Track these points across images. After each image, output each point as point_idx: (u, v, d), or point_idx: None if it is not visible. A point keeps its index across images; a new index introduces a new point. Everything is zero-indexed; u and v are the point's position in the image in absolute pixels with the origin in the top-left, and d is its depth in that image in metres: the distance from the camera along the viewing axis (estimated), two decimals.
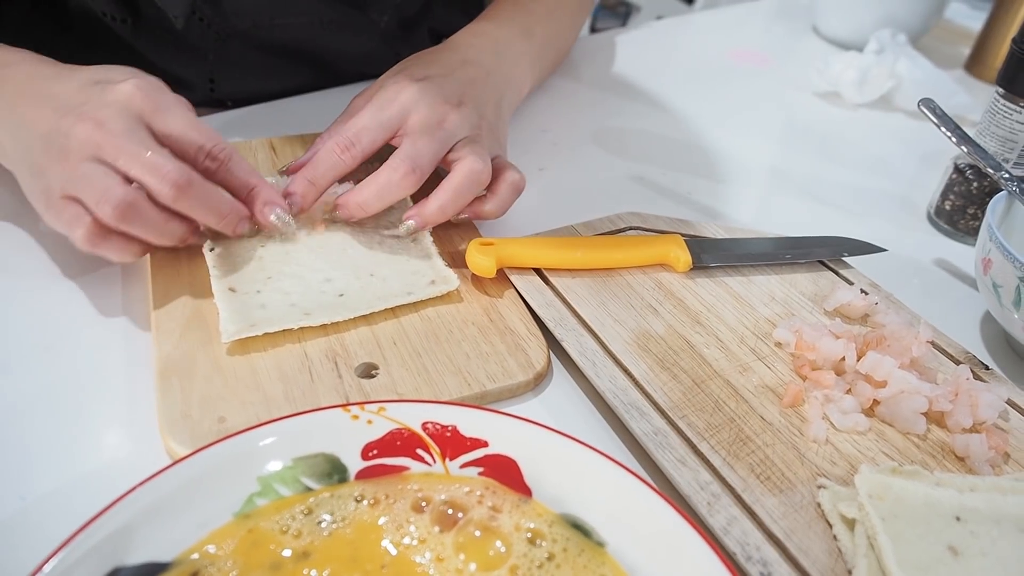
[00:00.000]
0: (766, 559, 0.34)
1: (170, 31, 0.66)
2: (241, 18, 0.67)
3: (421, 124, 0.50)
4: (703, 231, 0.56)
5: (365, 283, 0.49)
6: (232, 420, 0.39)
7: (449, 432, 0.37)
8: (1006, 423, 0.43)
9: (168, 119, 0.44)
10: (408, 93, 0.51)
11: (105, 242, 0.44)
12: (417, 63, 0.56)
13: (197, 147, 0.45)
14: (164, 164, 0.42)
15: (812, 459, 0.40)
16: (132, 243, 0.45)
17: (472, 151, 0.50)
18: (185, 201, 0.43)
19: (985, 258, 0.48)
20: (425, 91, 0.51)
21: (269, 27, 0.69)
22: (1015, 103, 0.56)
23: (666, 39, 0.99)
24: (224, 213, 0.46)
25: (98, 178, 0.42)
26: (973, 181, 0.60)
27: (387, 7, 0.74)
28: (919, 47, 0.90)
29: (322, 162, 0.50)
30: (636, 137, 0.74)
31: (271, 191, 0.48)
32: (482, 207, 0.52)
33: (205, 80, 0.71)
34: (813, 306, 0.50)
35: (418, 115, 0.50)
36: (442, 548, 0.33)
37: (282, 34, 0.70)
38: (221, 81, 0.71)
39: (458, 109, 0.52)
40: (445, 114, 0.51)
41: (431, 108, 0.51)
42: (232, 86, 0.72)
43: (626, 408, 0.41)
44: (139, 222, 0.43)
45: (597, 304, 0.48)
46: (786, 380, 0.44)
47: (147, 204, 0.43)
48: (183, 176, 0.42)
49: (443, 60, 0.57)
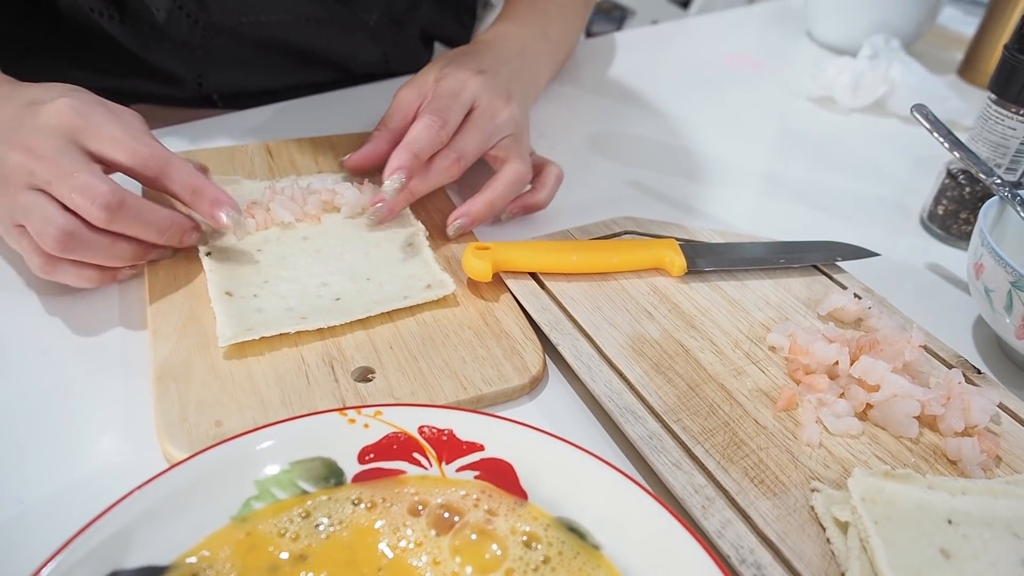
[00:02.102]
0: (760, 562, 0.35)
1: (157, 26, 0.66)
2: (228, 14, 0.68)
3: (478, 115, 0.53)
4: (698, 235, 0.56)
5: (362, 287, 0.49)
6: (229, 424, 0.39)
7: (445, 436, 0.37)
8: (998, 427, 0.43)
9: (99, 136, 0.43)
10: (474, 84, 0.53)
11: (58, 270, 0.43)
12: (465, 57, 0.57)
13: (128, 166, 0.44)
14: (95, 186, 0.41)
15: (806, 462, 0.40)
16: (85, 268, 0.44)
17: (516, 152, 0.54)
18: (119, 222, 0.42)
19: (977, 263, 0.49)
20: (486, 84, 0.54)
21: (256, 23, 0.69)
22: (1007, 109, 0.57)
23: (661, 44, 0.99)
24: (164, 227, 0.45)
25: (36, 208, 0.41)
26: (966, 186, 0.60)
27: (375, 5, 0.74)
28: (912, 52, 0.91)
29: (423, 137, 0.50)
30: (631, 141, 0.74)
31: (216, 190, 0.47)
32: (534, 198, 0.56)
33: (193, 75, 0.71)
34: (807, 310, 0.51)
35: (480, 106, 0.53)
36: (438, 551, 0.33)
37: (269, 30, 0.70)
38: (209, 76, 0.72)
39: (508, 105, 0.54)
40: (499, 109, 0.54)
41: (491, 101, 0.53)
42: (220, 81, 0.72)
43: (621, 412, 0.41)
44: (83, 249, 0.42)
45: (592, 308, 0.48)
46: (780, 384, 0.45)
47: (86, 230, 0.42)
48: (114, 197, 0.41)
49: (487, 57, 0.58)
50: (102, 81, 0.60)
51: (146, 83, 0.70)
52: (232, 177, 0.57)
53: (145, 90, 0.71)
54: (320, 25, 0.72)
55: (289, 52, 0.73)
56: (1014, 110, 0.57)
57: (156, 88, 0.71)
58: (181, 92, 0.71)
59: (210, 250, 0.50)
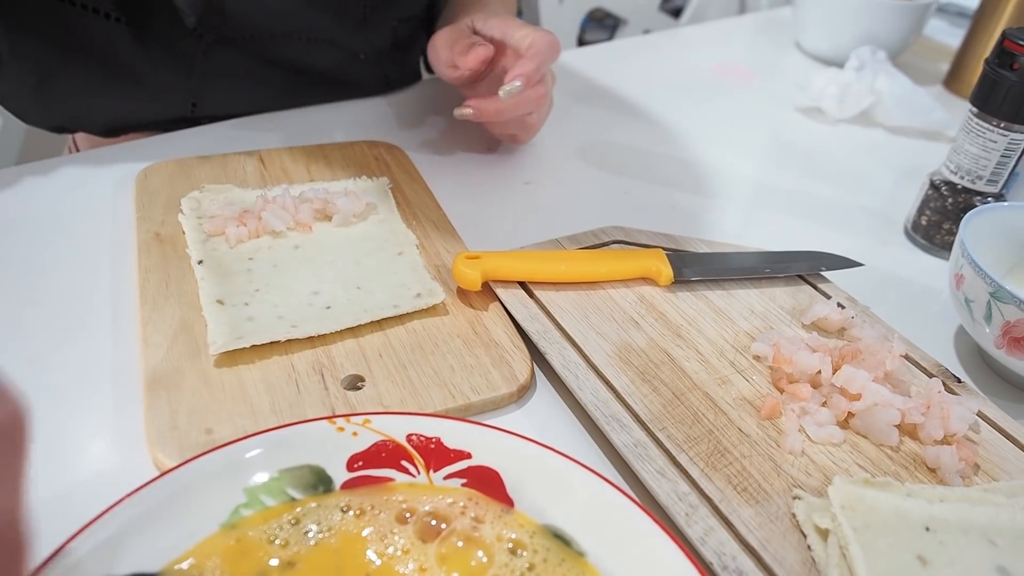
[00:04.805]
0: (742, 568, 0.35)
1: (158, 35, 0.65)
2: (238, 28, 0.67)
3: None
4: (685, 245, 0.57)
5: (352, 295, 0.49)
6: (219, 432, 0.40)
7: (433, 444, 0.37)
8: (977, 435, 0.44)
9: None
10: None
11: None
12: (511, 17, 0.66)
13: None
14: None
15: (788, 470, 0.41)
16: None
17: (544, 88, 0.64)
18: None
19: (958, 273, 0.50)
20: None
21: (261, 39, 0.69)
22: (988, 122, 0.58)
23: (652, 53, 1.00)
24: None
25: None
26: (948, 197, 0.61)
27: (385, 29, 0.75)
28: (899, 64, 0.92)
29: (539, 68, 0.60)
30: (621, 151, 0.75)
31: None
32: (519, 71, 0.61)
33: (186, 92, 0.69)
34: (791, 320, 0.51)
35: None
36: (425, 559, 0.34)
37: (273, 48, 0.70)
38: (202, 94, 0.70)
39: None
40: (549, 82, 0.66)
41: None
42: (212, 99, 0.70)
43: (607, 420, 0.42)
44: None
45: (580, 317, 0.49)
46: (764, 393, 0.45)
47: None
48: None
49: None
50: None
51: (133, 97, 0.68)
52: (224, 186, 0.58)
53: (131, 107, 0.69)
54: (325, 46, 0.72)
55: (287, 72, 0.72)
56: (995, 123, 0.58)
57: (142, 106, 0.69)
58: (168, 111, 0.69)
59: (202, 258, 0.50)
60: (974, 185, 0.60)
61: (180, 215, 0.54)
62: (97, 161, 0.63)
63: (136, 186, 0.58)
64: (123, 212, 0.57)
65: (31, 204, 0.58)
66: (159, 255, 0.51)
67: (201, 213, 0.55)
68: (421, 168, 0.65)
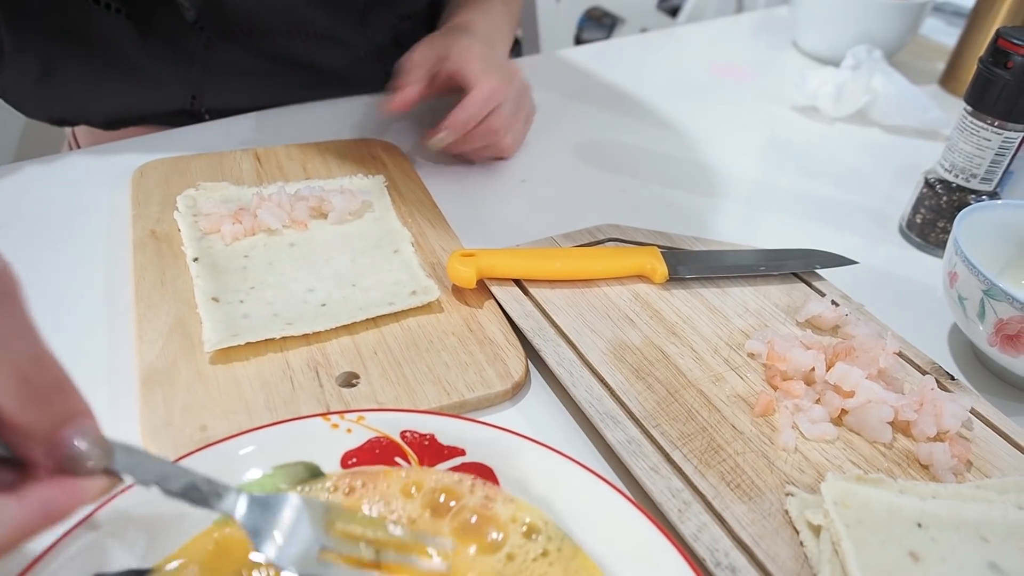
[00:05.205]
0: (734, 565, 0.35)
1: (159, 28, 0.65)
2: (239, 23, 0.67)
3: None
4: (680, 243, 0.57)
5: (347, 293, 0.49)
6: (214, 428, 0.40)
7: (427, 441, 0.37)
8: (969, 432, 0.44)
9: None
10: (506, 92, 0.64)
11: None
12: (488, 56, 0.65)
13: None
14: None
15: (781, 467, 0.41)
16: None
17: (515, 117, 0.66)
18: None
19: (951, 271, 0.50)
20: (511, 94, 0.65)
21: (261, 34, 0.69)
22: (982, 120, 0.58)
23: (650, 52, 1.00)
24: None
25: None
26: (943, 195, 0.62)
27: (385, 26, 0.75)
28: (895, 63, 0.92)
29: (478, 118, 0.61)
30: (617, 148, 0.75)
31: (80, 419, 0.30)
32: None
33: (186, 85, 0.69)
34: (786, 317, 0.52)
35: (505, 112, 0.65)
36: (437, 530, 0.34)
37: (274, 44, 0.70)
38: (203, 87, 0.70)
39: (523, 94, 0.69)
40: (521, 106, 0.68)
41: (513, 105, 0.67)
42: (212, 93, 0.71)
43: (601, 417, 0.42)
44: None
45: (575, 315, 0.49)
46: (758, 390, 0.45)
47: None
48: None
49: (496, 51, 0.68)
50: None
51: (134, 90, 0.69)
52: (220, 183, 0.58)
53: (131, 99, 0.69)
54: (327, 43, 0.72)
55: (288, 68, 0.72)
56: (989, 121, 0.58)
57: (142, 98, 0.69)
58: (167, 104, 0.70)
59: (197, 255, 0.50)
60: (968, 183, 0.60)
61: (176, 212, 0.54)
62: (93, 158, 0.63)
63: (132, 183, 0.58)
64: (119, 209, 0.57)
65: (27, 200, 0.58)
66: (155, 252, 0.51)
67: (197, 210, 0.55)
68: (417, 166, 0.65)
